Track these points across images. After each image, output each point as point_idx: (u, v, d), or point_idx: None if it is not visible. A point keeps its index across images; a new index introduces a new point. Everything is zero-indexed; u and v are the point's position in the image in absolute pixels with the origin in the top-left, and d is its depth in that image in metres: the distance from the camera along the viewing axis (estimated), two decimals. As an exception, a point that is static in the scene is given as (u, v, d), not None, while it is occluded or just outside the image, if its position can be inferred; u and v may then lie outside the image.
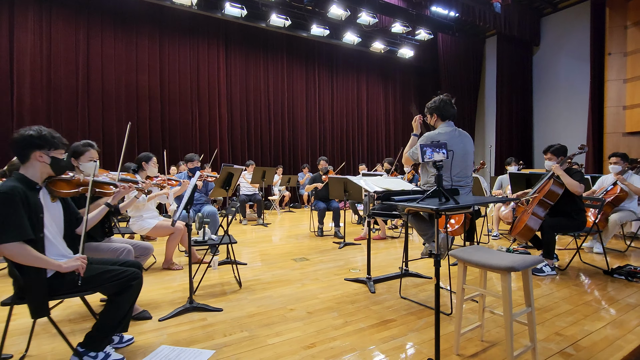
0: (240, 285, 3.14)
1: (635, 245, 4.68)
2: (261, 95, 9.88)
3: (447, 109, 2.76)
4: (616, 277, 3.35)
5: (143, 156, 3.76)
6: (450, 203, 1.72)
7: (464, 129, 10.61)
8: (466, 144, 2.73)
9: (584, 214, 3.56)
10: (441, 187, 1.73)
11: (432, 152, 1.78)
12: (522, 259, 1.77)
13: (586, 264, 3.85)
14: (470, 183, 2.76)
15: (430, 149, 1.77)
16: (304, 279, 3.36)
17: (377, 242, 5.08)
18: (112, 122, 7.95)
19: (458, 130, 2.77)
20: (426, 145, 1.79)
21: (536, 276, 3.41)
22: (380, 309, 2.63)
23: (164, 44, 8.52)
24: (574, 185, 3.34)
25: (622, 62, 8.49)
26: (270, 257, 4.22)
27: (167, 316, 2.46)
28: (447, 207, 1.65)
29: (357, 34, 9.92)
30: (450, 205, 1.64)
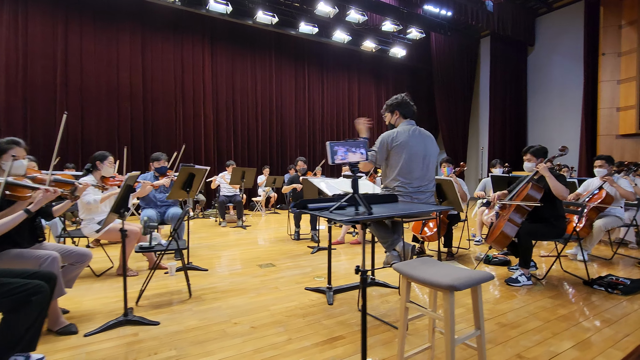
0: (190, 295, 2.93)
1: (622, 253, 4.46)
2: (248, 94, 9.67)
3: (409, 107, 2.55)
4: (596, 289, 3.13)
5: (98, 155, 3.55)
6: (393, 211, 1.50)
7: (457, 130, 10.39)
8: (428, 145, 2.50)
9: (564, 220, 3.34)
10: (357, 194, 1.50)
11: (345, 152, 1.55)
12: (468, 275, 1.55)
13: (567, 272, 3.63)
14: (432, 188, 2.54)
15: (343, 149, 1.54)
16: (261, 287, 3.14)
17: (355, 246, 4.86)
18: (91, 121, 7.74)
19: (419, 130, 2.55)
20: (338, 144, 1.56)
21: (511, 287, 3.19)
22: (332, 323, 2.41)
23: (147, 40, 8.31)
24: (560, 189, 3.12)
25: (616, 63, 8.27)
26: (235, 263, 4.00)
27: (94, 331, 2.25)
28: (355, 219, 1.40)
29: (347, 32, 9.72)
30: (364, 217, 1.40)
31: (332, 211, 1.47)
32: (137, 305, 2.72)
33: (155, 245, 2.90)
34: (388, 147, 2.45)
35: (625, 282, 3.11)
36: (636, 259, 4.17)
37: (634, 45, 7.97)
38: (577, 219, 3.46)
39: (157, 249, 2.89)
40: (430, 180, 2.50)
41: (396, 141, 2.43)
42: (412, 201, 2.41)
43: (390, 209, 1.59)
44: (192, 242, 5.17)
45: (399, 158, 2.42)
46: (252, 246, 4.90)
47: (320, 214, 1.44)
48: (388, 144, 2.45)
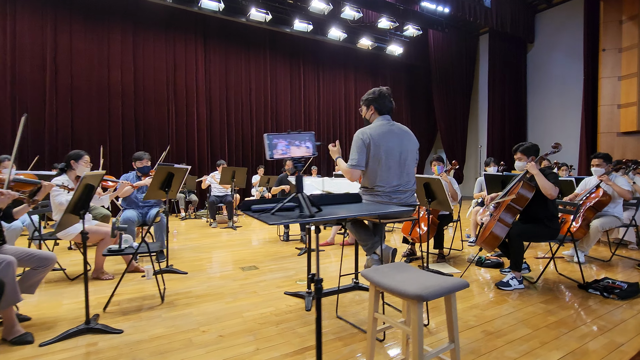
0: (162, 300, 2.79)
1: (621, 254, 4.29)
2: (242, 93, 9.54)
3: (385, 102, 2.39)
4: (591, 293, 2.97)
5: (73, 154, 3.42)
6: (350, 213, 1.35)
7: (455, 128, 10.25)
8: (405, 141, 2.34)
9: (558, 220, 3.18)
10: (302, 193, 1.36)
11: (287, 146, 1.39)
12: (438, 283, 1.41)
13: (562, 275, 3.47)
14: (413, 186, 2.38)
15: (284, 142, 1.37)
16: (239, 292, 3.00)
17: (345, 248, 4.71)
18: (82, 120, 7.63)
19: (397, 126, 2.39)
20: (277, 137, 1.40)
21: (502, 291, 3.04)
22: (306, 331, 2.27)
23: (138, 38, 8.19)
24: (548, 187, 2.96)
25: (616, 59, 8.07)
26: (217, 266, 3.86)
27: (51, 340, 2.11)
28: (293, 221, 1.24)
29: (343, 30, 9.57)
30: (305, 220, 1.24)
31: (274, 213, 1.32)
32: (104, 311, 2.58)
33: (125, 249, 2.76)
34: (365, 147, 2.30)
35: (621, 285, 2.95)
36: (636, 261, 4.00)
37: (635, 41, 7.77)
38: (573, 219, 3.29)
39: (128, 252, 2.75)
40: (410, 179, 2.35)
41: (370, 140, 2.28)
42: (391, 201, 2.26)
43: (351, 209, 1.45)
44: (179, 243, 5.05)
45: (375, 157, 2.27)
46: (239, 248, 4.76)
47: (257, 216, 1.29)
48: (365, 143, 2.31)
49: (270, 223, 1.16)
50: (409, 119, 12.85)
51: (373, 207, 1.72)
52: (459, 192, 4.13)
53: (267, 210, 1.33)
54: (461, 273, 3.49)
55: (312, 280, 1.32)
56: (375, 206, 1.62)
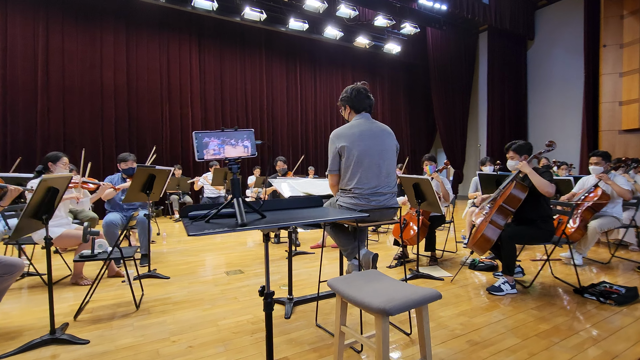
0: (137, 307, 2.68)
1: (620, 256, 4.14)
2: (237, 93, 9.44)
3: (361, 99, 2.26)
4: (587, 298, 2.83)
5: (51, 156, 3.33)
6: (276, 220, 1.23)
7: (455, 127, 10.09)
8: (382, 141, 2.20)
9: (552, 221, 3.04)
10: (238, 198, 1.23)
11: (220, 145, 1.26)
12: (406, 296, 1.28)
13: (557, 279, 3.33)
14: (393, 188, 2.25)
15: (216, 141, 1.24)
16: (219, 298, 2.89)
17: (336, 250, 4.59)
18: (74, 121, 7.56)
19: (376, 124, 2.26)
20: (209, 134, 1.26)
21: (493, 296, 2.90)
22: (281, 341, 2.15)
23: (131, 39, 8.12)
24: (544, 185, 2.83)
25: (617, 55, 7.90)
26: (201, 270, 3.75)
27: (11, 352, 2.01)
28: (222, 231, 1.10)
29: (339, 28, 9.44)
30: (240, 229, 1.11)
31: (208, 220, 1.20)
32: (75, 320, 2.48)
33: (98, 254, 2.65)
34: (337, 149, 2.18)
35: (619, 290, 2.81)
36: (636, 263, 3.85)
37: (636, 36, 7.60)
38: (568, 220, 3.15)
39: (100, 257, 2.64)
40: (390, 180, 2.22)
41: (343, 141, 2.16)
42: (369, 203, 2.14)
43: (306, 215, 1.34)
44: (168, 246, 4.95)
45: (349, 158, 2.15)
46: (227, 250, 4.65)
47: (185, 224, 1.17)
48: (337, 147, 2.18)
49: (190, 234, 1.04)
50: (408, 118, 12.71)
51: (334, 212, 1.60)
52: (451, 193, 3.99)
53: (205, 216, 1.21)
54: (452, 277, 3.36)
55: (261, 294, 1.20)
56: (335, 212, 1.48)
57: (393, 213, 2.28)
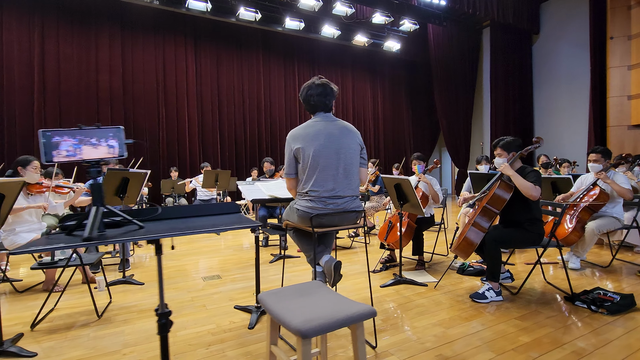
0: (98, 316, 2.58)
1: (621, 259, 3.89)
2: (235, 94, 9.37)
3: (312, 98, 2.10)
4: (579, 306, 2.62)
5: (21, 160, 3.25)
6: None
7: (458, 126, 9.78)
8: (342, 140, 2.04)
9: (541, 224, 2.84)
10: (98, 206, 1.09)
11: (77, 146, 1.12)
12: (329, 314, 1.13)
13: (550, 284, 3.12)
14: (354, 191, 2.09)
15: (71, 140, 1.08)
16: (188, 306, 2.77)
17: (323, 254, 4.43)
18: (71, 126, 7.49)
19: (335, 123, 2.10)
20: (60, 133, 1.12)
21: (477, 303, 2.72)
22: (237, 355, 2.01)
23: (127, 42, 8.11)
24: (527, 187, 2.64)
25: (625, 47, 7.56)
26: (179, 275, 3.65)
27: (-50, 366, 1.92)
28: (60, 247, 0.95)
29: (336, 27, 9.29)
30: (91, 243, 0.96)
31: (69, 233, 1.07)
32: (32, 329, 2.38)
33: (58, 261, 2.56)
34: (293, 152, 2.04)
35: (614, 298, 2.59)
36: (638, 267, 3.61)
37: (645, 27, 7.26)
38: (558, 221, 2.94)
39: (60, 264, 2.55)
40: (351, 182, 2.06)
41: (298, 143, 2.01)
42: (326, 207, 1.98)
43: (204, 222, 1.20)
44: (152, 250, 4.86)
45: (305, 160, 2.00)
46: (212, 254, 4.54)
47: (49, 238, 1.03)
48: (292, 149, 2.04)
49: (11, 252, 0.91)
50: (410, 117, 12.48)
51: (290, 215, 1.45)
52: (441, 194, 3.80)
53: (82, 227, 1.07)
54: (436, 282, 3.17)
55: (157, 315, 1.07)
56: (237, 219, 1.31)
57: (355, 217, 2.12)
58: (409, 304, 2.72)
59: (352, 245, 4.82)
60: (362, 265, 3.87)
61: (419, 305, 2.69)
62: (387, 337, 2.16)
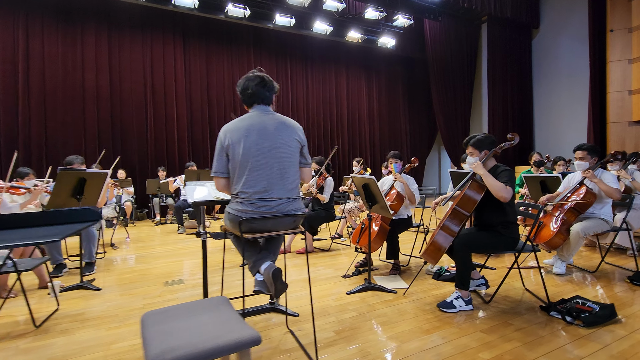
0: (35, 326, 2.42)
1: (612, 263, 3.65)
2: (225, 92, 9.21)
3: (251, 88, 1.93)
4: (554, 316, 2.41)
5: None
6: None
7: (456, 123, 9.42)
8: (281, 136, 1.86)
9: (516, 227, 2.63)
10: None
11: None
12: (196, 343, 0.95)
13: (528, 291, 2.90)
14: (291, 192, 1.90)
15: None
16: (136, 315, 2.61)
17: (300, 257, 4.26)
18: (57, 125, 7.48)
19: (271, 116, 1.91)
20: None
21: (444, 313, 2.52)
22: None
23: (113, 40, 7.99)
24: (497, 188, 2.43)
25: (626, 40, 7.26)
26: (142, 279, 3.49)
27: None
28: None
29: (328, 23, 9.08)
30: None
31: None
32: (-39, 341, 2.24)
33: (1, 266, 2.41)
34: (224, 147, 1.86)
35: (593, 308, 2.38)
36: (628, 272, 3.37)
37: (646, 19, 6.95)
38: (534, 224, 2.73)
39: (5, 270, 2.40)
40: (287, 182, 1.88)
41: (229, 138, 1.84)
42: (257, 210, 1.80)
43: None
44: (130, 252, 4.72)
45: (235, 158, 1.83)
46: (184, 257, 4.38)
47: None
48: (223, 145, 1.87)
49: None
50: (407, 115, 12.24)
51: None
52: (418, 194, 3.60)
53: None
54: (405, 289, 2.97)
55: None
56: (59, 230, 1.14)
57: (293, 221, 1.93)
58: (370, 313, 2.53)
59: (330, 248, 4.63)
60: (335, 269, 3.68)
61: (381, 315, 2.50)
62: (328, 355, 1.97)
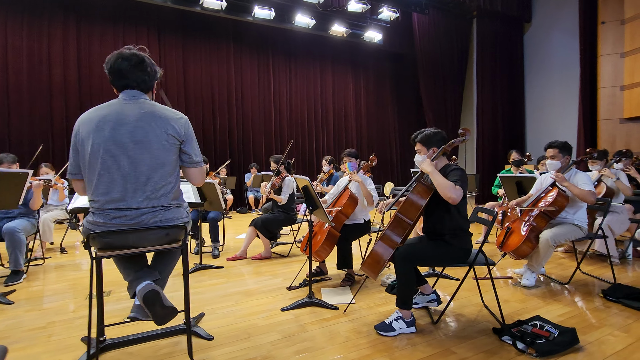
0: None
1: (589, 272, 3.31)
2: (202, 88, 8.87)
3: (123, 65, 1.59)
4: (505, 342, 2.07)
5: None
6: None
7: (446, 121, 8.96)
8: (137, 130, 1.53)
9: (468, 236, 2.28)
10: None
11: None
12: None
13: (487, 308, 2.56)
14: (158, 200, 1.55)
15: None
16: (31, 336, 2.27)
17: (257, 264, 3.93)
18: (22, 122, 7.15)
19: (137, 105, 1.57)
20: None
21: (382, 337, 2.18)
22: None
23: (83, 33, 7.65)
24: (444, 186, 2.09)
25: (618, 32, 6.89)
26: (67, 291, 3.16)
27: None
28: None
29: (310, 16, 8.72)
30: None
31: None
32: None
33: None
34: (76, 143, 1.52)
35: (551, 332, 2.04)
36: (605, 284, 3.02)
37: (639, 10, 6.58)
38: (487, 232, 2.39)
39: None
40: (148, 188, 1.53)
41: (80, 132, 1.50)
42: (110, 222, 1.47)
43: None
44: (73, 257, 4.39)
45: (85, 157, 1.49)
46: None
47: None
48: (75, 139, 1.53)
49: None
50: (396, 112, 11.87)
51: None
52: (376, 195, 3.26)
53: None
54: (346, 307, 2.63)
55: None
56: None
57: (164, 234, 1.59)
58: (296, 336, 2.19)
59: (290, 253, 4.29)
60: (284, 279, 3.35)
61: (308, 338, 2.16)
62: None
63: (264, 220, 4.02)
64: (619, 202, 3.69)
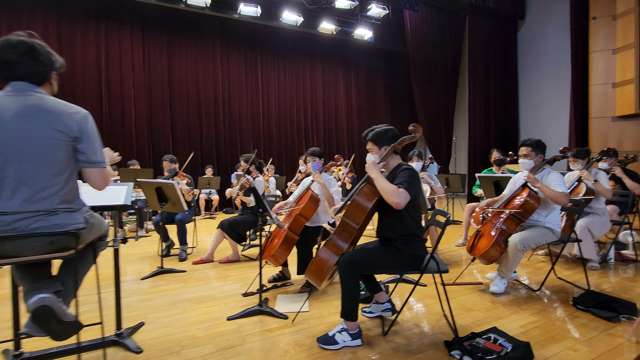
0: None
1: (564, 278, 3.13)
2: (188, 87, 8.72)
3: (10, 54, 1.44)
4: (453, 357, 1.90)
5: None
6: None
7: (438, 120, 8.68)
8: (19, 125, 1.37)
9: (420, 242, 2.12)
10: None
11: None
12: None
13: (446, 318, 2.39)
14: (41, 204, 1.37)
15: None
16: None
17: (223, 268, 3.78)
18: None
19: (19, 100, 1.39)
20: None
21: (324, 351, 2.02)
22: None
23: (63, 30, 7.52)
24: (388, 192, 1.94)
25: (610, 28, 6.68)
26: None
27: None
28: None
29: (298, 13, 8.56)
30: None
31: None
32: None
33: None
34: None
35: (504, 347, 1.87)
36: (578, 290, 2.84)
37: (631, 4, 6.36)
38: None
39: None
40: (31, 191, 1.37)
41: None
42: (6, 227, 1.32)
43: None
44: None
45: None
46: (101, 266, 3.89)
47: None
48: None
49: None
50: (389, 110, 11.70)
51: None
52: (338, 197, 3.10)
53: None
54: (294, 316, 2.47)
55: None
56: None
57: (49, 242, 1.42)
58: (233, 349, 2.04)
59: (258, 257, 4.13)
60: (244, 284, 3.19)
61: (244, 352, 2.00)
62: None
63: (231, 222, 3.86)
64: (600, 204, 3.51)
